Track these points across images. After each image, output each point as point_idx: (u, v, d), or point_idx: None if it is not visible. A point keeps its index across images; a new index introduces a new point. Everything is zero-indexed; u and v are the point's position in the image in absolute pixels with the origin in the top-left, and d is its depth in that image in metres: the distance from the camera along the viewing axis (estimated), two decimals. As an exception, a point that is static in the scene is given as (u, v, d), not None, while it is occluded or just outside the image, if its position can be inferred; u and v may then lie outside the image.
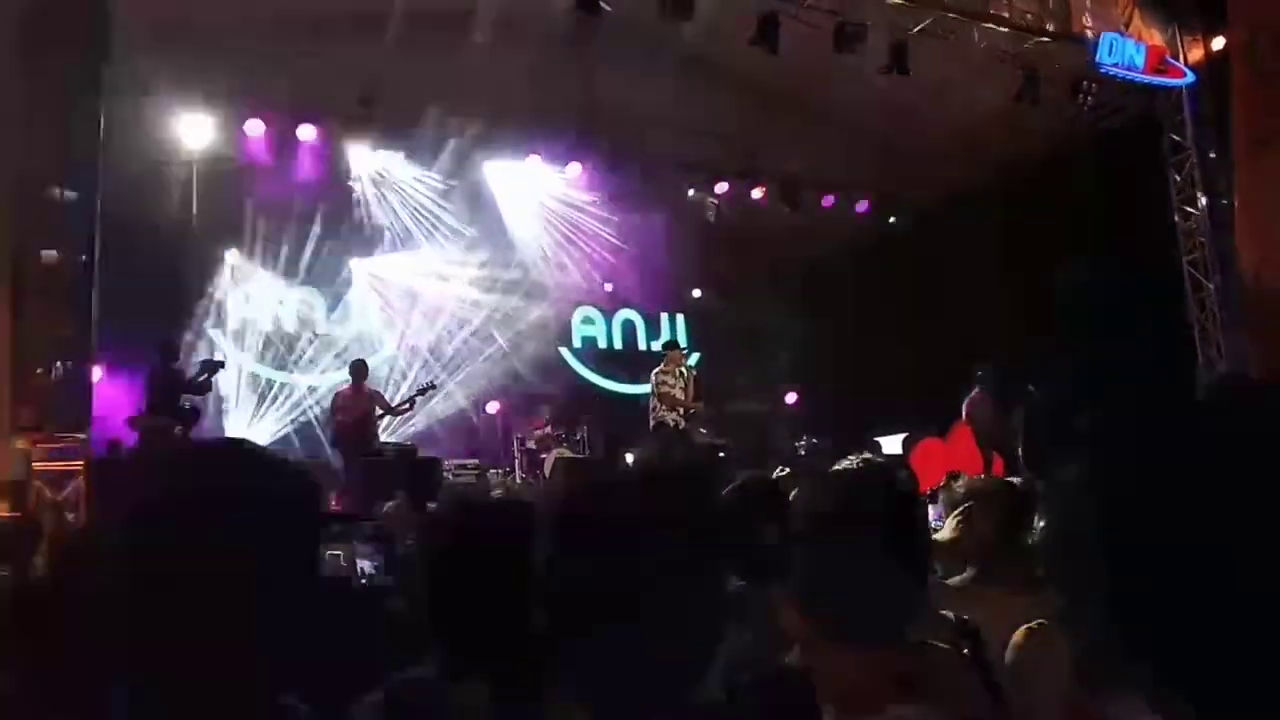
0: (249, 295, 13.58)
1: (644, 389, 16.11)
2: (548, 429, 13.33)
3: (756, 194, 14.17)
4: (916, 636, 1.98)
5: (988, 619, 2.68)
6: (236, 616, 1.13)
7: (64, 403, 7.83)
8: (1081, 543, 1.97)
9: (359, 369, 11.08)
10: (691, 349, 16.75)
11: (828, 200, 14.74)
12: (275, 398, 13.46)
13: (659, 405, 11.03)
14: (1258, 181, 10.51)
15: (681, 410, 10.98)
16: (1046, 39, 11.32)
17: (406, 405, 11.51)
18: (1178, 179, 12.33)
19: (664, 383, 11.06)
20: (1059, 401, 10.65)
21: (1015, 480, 5.17)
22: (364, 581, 5.46)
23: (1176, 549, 0.94)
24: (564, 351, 15.90)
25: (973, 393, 11.63)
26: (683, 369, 11.26)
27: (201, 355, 11.90)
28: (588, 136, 12.98)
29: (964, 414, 11.78)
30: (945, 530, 3.30)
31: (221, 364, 10.58)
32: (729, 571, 2.96)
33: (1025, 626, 2.31)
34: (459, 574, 1.83)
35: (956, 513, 3.29)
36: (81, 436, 8.07)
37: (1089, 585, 1.16)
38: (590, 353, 16.21)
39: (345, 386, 11.11)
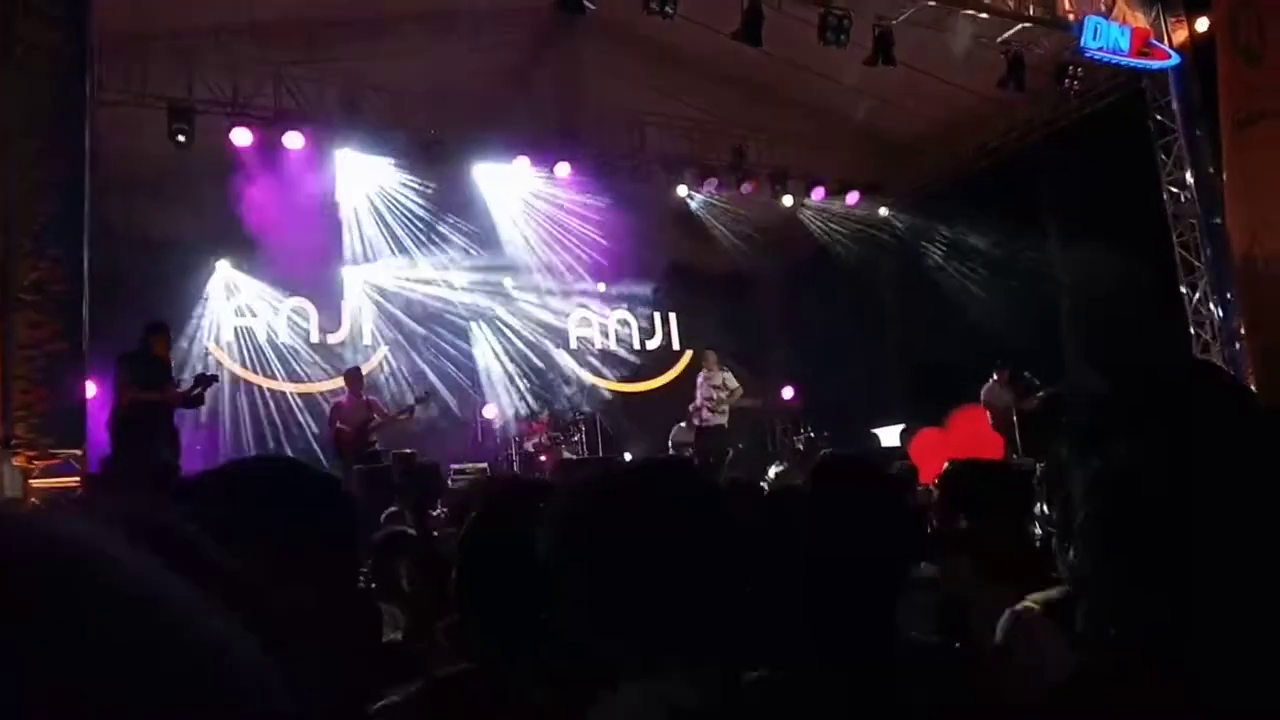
0: (241, 306, 13.55)
1: (640, 388, 16.26)
2: (546, 432, 13.33)
3: (746, 188, 14.15)
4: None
5: (981, 603, 2.68)
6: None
7: (58, 419, 7.77)
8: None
9: (354, 377, 11.07)
10: (685, 346, 16.79)
11: (818, 192, 14.73)
12: (270, 408, 13.41)
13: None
14: (1243, 160, 10.50)
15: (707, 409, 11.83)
16: (1031, 24, 11.32)
17: (404, 414, 11.49)
18: (1166, 160, 12.35)
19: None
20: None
21: (1007, 461, 5.15)
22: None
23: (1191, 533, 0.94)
24: (560, 353, 15.89)
25: (990, 381, 11.79)
26: (714, 370, 12.00)
27: (195, 366, 11.90)
28: (575, 135, 12.97)
29: (982, 401, 11.95)
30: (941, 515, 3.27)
31: (215, 378, 10.53)
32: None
33: (1010, 610, 2.29)
34: (500, 559, 1.82)
35: (943, 495, 3.26)
36: (78, 453, 8.02)
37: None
38: (586, 353, 16.21)
39: (343, 395, 11.10)
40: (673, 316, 16.99)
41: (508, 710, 1.68)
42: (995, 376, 11.88)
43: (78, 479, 8.00)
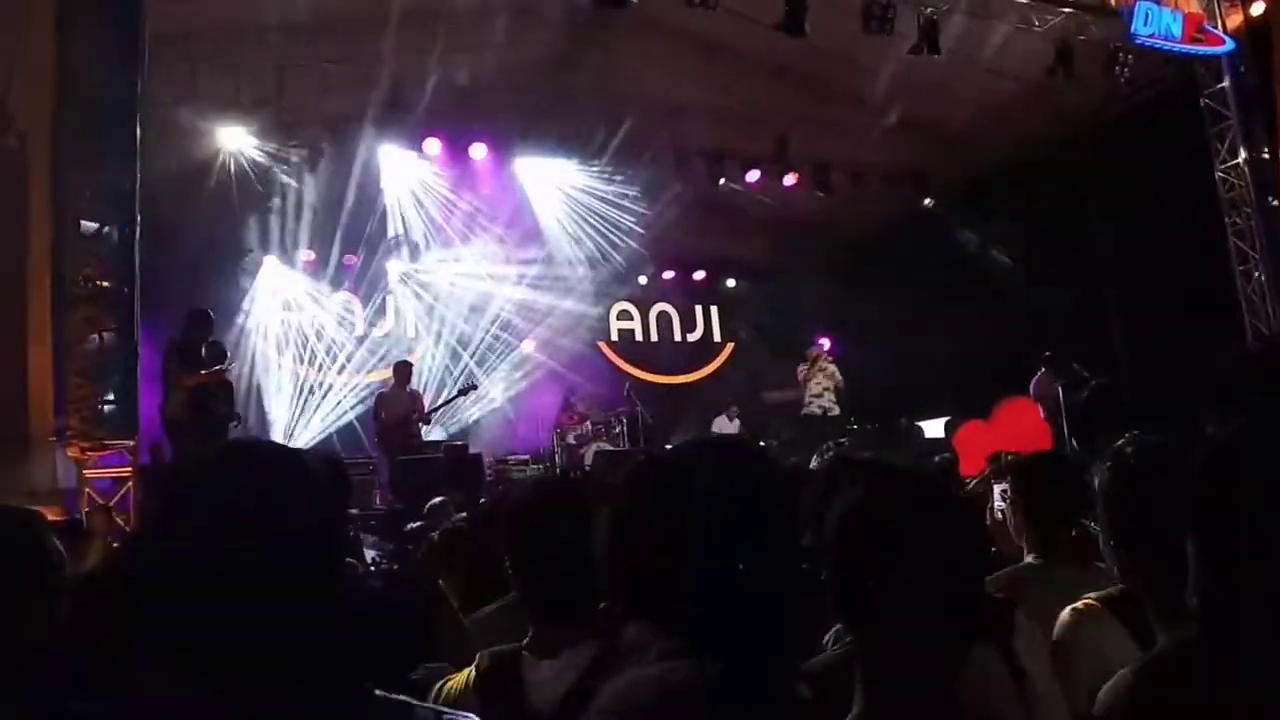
0: (289, 300, 13.72)
1: (681, 379, 16.28)
2: (587, 423, 13.37)
3: (789, 180, 14.06)
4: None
5: (1042, 596, 2.63)
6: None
7: (111, 410, 7.92)
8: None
9: (403, 370, 11.18)
10: (726, 339, 16.77)
11: (860, 183, 14.60)
12: (317, 400, 13.57)
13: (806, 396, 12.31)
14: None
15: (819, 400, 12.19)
16: (1079, 11, 11.12)
17: (447, 405, 11.61)
18: (1220, 148, 12.08)
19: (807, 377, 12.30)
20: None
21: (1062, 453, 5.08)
22: (371, 569, 5.56)
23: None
24: (602, 346, 15.93)
25: (1039, 373, 11.68)
26: (821, 364, 12.38)
27: (243, 360, 12.13)
28: (618, 128, 12.94)
29: (1032, 394, 11.84)
30: (1000, 509, 3.24)
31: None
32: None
33: (1072, 607, 2.24)
34: (557, 546, 1.85)
35: (1003, 489, 3.23)
36: (130, 444, 8.17)
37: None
38: (628, 346, 16.24)
39: (388, 387, 11.22)
40: (714, 308, 16.95)
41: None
42: (1043, 368, 11.76)
43: (129, 469, 8.16)
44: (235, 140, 11.69)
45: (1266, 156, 11.39)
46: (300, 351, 13.68)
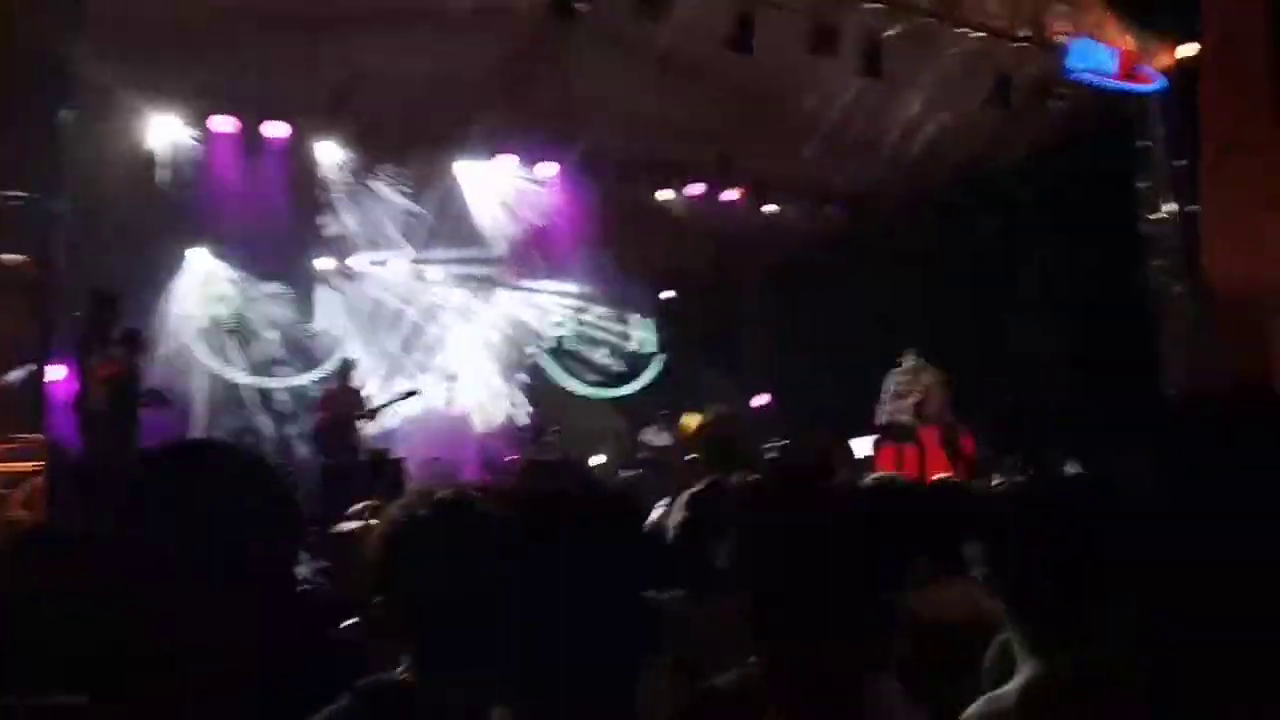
0: (214, 295, 13.40)
1: (612, 393, 16.25)
2: (515, 432, 13.30)
3: (730, 195, 14.14)
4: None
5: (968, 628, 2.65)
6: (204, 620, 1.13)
7: (20, 404, 7.64)
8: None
9: (348, 368, 11.02)
10: (660, 351, 16.80)
11: (799, 201, 14.75)
12: (244, 399, 13.26)
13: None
14: (1225, 186, 10.63)
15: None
16: (1019, 43, 11.36)
17: (386, 407, 11.45)
18: (1146, 184, 12.42)
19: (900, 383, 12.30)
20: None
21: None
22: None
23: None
24: (535, 352, 15.86)
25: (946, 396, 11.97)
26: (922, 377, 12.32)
27: (164, 356, 11.81)
28: (560, 136, 12.90)
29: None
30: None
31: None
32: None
33: (997, 639, 2.28)
34: (439, 572, 1.80)
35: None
36: (39, 437, 7.90)
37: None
38: (561, 353, 16.19)
39: (332, 384, 11.03)
40: (651, 320, 16.97)
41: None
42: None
43: (35, 464, 7.89)
44: (173, 126, 11.39)
45: (1191, 195, 11.74)
46: (227, 348, 13.36)
